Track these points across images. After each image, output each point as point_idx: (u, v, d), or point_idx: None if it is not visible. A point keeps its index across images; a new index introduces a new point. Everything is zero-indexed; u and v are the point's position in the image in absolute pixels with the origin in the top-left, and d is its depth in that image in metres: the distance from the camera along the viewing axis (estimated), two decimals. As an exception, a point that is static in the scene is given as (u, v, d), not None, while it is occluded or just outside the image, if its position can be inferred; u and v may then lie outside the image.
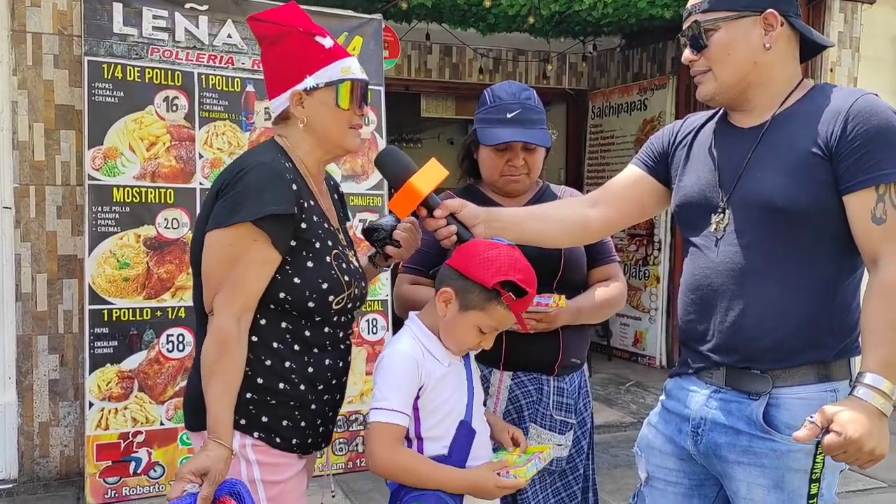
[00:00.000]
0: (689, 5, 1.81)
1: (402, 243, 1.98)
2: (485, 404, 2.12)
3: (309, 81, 1.78)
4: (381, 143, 4.33)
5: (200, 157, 3.90)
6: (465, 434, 1.81)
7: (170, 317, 3.82)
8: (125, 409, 3.72)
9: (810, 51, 1.83)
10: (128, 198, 3.75)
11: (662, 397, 1.94)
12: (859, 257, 1.68)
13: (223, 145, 3.95)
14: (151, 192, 3.80)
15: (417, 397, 1.77)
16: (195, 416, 1.75)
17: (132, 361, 3.73)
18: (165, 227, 3.81)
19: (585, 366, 2.28)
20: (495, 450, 1.93)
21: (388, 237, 1.98)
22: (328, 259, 1.78)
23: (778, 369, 1.68)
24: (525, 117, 2.16)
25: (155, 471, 3.77)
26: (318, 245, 1.77)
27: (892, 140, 1.60)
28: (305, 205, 1.76)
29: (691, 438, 1.79)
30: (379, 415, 1.74)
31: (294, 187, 1.73)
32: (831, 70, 5.39)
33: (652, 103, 6.78)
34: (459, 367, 1.87)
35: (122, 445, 3.70)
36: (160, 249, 3.80)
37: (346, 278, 1.81)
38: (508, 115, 2.16)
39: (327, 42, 1.82)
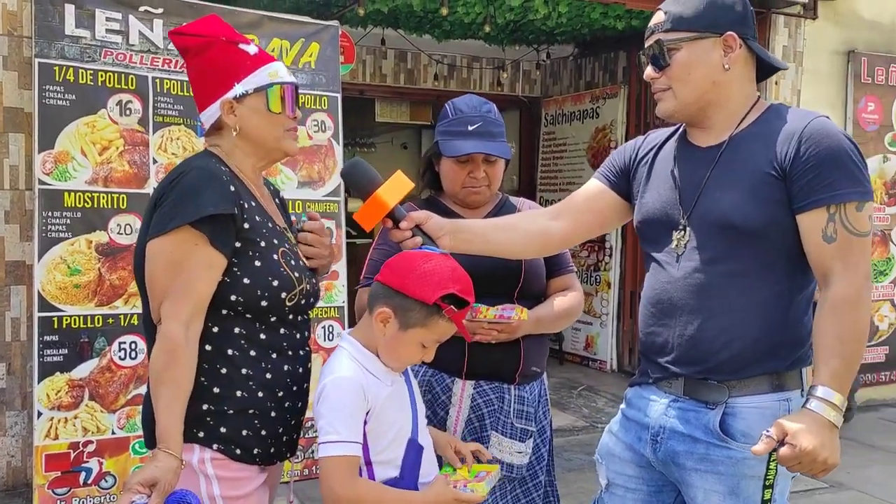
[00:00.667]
0: (651, 24, 1.86)
1: (310, 244, 1.96)
2: (447, 413, 2.15)
3: (238, 89, 1.79)
4: (338, 150, 4.32)
5: (154, 161, 3.85)
6: (414, 452, 1.78)
7: (122, 324, 3.75)
8: (75, 418, 3.64)
9: (765, 72, 1.90)
10: (79, 203, 3.68)
11: (622, 406, 1.99)
12: (811, 273, 1.75)
13: (178, 150, 3.90)
14: (104, 198, 3.73)
15: (365, 422, 1.71)
16: (153, 433, 1.72)
17: (83, 370, 3.66)
18: (118, 233, 3.74)
19: (545, 374, 2.32)
20: (440, 467, 1.90)
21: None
22: (275, 257, 1.78)
23: (734, 380, 1.74)
24: (486, 130, 2.20)
25: (106, 481, 3.70)
26: (263, 244, 1.77)
27: (842, 162, 1.67)
28: (246, 205, 1.76)
29: (650, 446, 1.84)
30: (331, 448, 1.66)
31: (232, 188, 1.73)
32: (776, 83, 5.56)
33: (604, 111, 6.90)
34: (401, 383, 1.83)
35: (73, 455, 3.63)
36: (112, 255, 3.73)
37: (297, 274, 1.80)
38: (470, 128, 2.20)
39: (251, 49, 1.83)
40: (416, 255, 1.77)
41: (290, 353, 1.82)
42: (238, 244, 1.74)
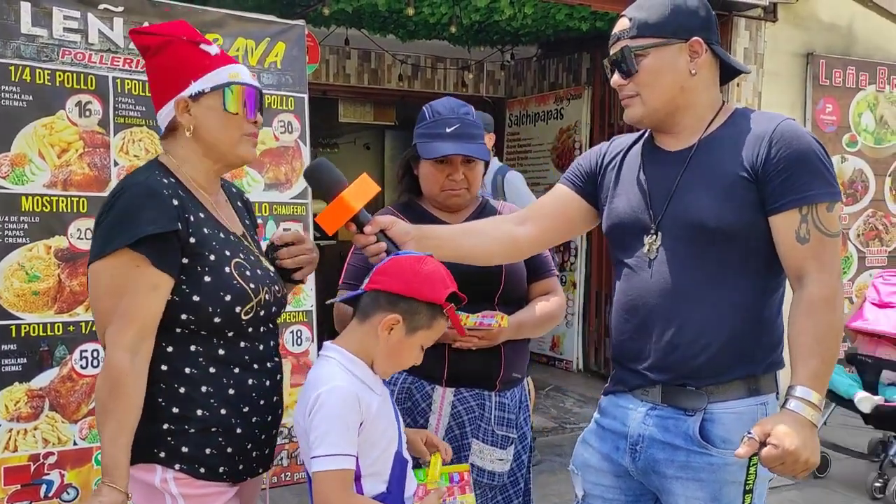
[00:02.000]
0: (616, 31, 1.85)
1: (293, 264, 1.94)
2: (427, 421, 2.12)
3: (194, 87, 1.73)
4: (305, 151, 4.27)
5: (116, 164, 3.75)
6: (400, 466, 1.75)
7: (83, 332, 3.64)
8: (35, 429, 3.53)
9: (728, 75, 1.90)
10: (38, 207, 3.56)
11: (596, 415, 1.97)
12: (783, 274, 1.76)
13: (140, 152, 3.81)
14: (63, 201, 3.62)
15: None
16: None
17: (43, 379, 3.54)
18: (79, 238, 3.64)
19: (525, 380, 2.30)
20: (415, 470, 1.87)
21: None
22: (228, 269, 1.72)
23: (712, 385, 1.74)
24: (464, 132, 2.19)
25: (68, 493, 3.60)
26: (213, 257, 1.71)
27: (812, 164, 1.69)
28: (192, 218, 1.69)
29: (629, 455, 1.83)
30: (327, 462, 1.61)
31: (175, 202, 1.66)
32: (738, 85, 5.63)
33: (568, 112, 6.92)
34: (387, 395, 1.80)
35: (33, 468, 3.51)
36: (73, 261, 3.62)
37: (252, 285, 1.74)
38: (448, 130, 2.18)
39: (213, 49, 1.78)
40: (410, 259, 1.74)
41: (255, 366, 1.76)
42: (185, 260, 1.67)
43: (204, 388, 1.69)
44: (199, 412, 1.68)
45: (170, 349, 1.68)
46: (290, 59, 4.23)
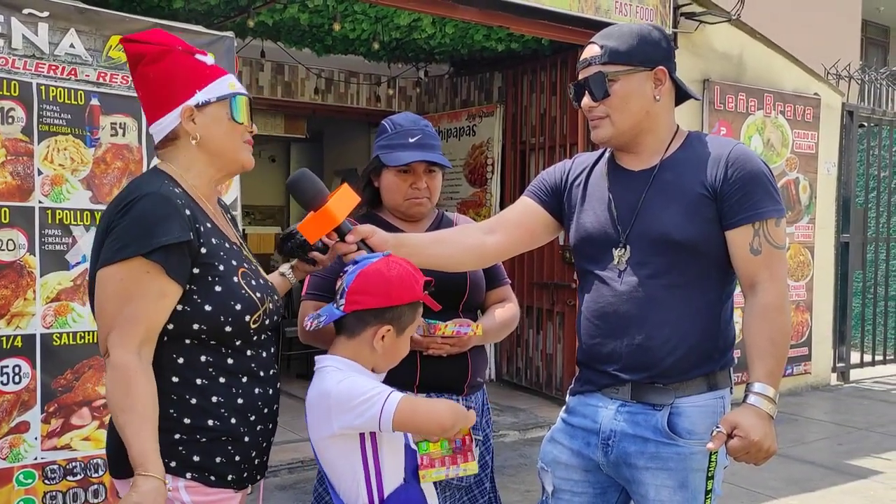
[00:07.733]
0: (585, 56, 1.99)
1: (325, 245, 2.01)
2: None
3: (200, 96, 1.77)
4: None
5: (40, 173, 3.62)
6: (410, 456, 1.84)
7: (4, 346, 3.49)
8: (-48, 450, 3.36)
9: (678, 100, 2.08)
10: (-44, 217, 3.41)
11: (563, 415, 2.10)
12: (734, 283, 1.96)
13: (65, 161, 3.69)
14: (-16, 211, 3.47)
15: (375, 444, 1.75)
16: (117, 463, 1.69)
17: (-40, 397, 3.38)
18: (0, 249, 3.49)
19: (485, 384, 2.41)
20: (418, 443, 1.92)
21: (305, 243, 2.02)
22: (236, 279, 1.75)
23: (677, 382, 1.90)
24: (426, 142, 2.30)
25: (-13, 516, 3.43)
26: (222, 267, 1.74)
27: (763, 184, 1.89)
28: (202, 228, 1.72)
29: (601, 450, 1.96)
30: (389, 404, 1.68)
31: (187, 212, 1.69)
32: (644, 107, 5.95)
33: (480, 129, 7.11)
34: None
35: (-51, 491, 3.34)
36: (-6, 273, 3.48)
37: (259, 294, 1.78)
38: (411, 140, 2.28)
39: (208, 60, 1.82)
40: (377, 269, 1.80)
41: (260, 374, 1.80)
42: (196, 270, 1.70)
43: (214, 399, 1.71)
44: (210, 422, 1.70)
45: (180, 360, 1.69)
46: (218, 70, 4.20)
